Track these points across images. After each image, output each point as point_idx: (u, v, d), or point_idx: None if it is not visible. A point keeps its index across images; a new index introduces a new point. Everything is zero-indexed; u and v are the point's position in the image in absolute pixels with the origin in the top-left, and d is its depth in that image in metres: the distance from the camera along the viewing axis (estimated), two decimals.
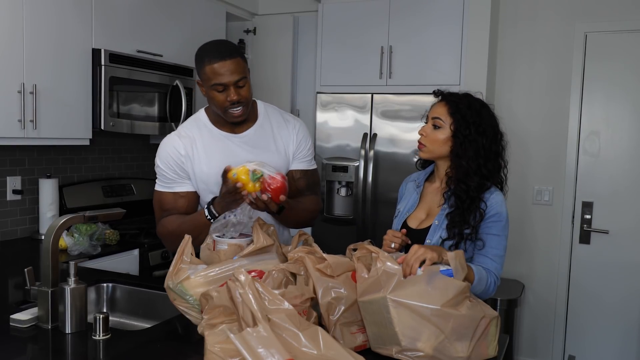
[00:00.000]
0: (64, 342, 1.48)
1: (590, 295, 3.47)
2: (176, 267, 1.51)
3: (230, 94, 1.74)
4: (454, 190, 1.69)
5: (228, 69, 1.71)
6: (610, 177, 3.40)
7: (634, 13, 3.28)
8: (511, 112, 3.61)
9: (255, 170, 1.63)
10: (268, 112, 1.96)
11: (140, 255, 2.84)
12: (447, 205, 1.72)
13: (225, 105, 1.76)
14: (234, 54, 1.74)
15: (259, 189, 1.63)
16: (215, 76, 1.72)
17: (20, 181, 2.93)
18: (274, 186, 1.64)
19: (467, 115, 1.69)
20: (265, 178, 1.63)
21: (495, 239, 1.67)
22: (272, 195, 1.64)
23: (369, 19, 3.54)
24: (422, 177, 1.87)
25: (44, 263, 1.55)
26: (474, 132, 1.68)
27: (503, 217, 1.68)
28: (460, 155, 1.68)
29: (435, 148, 1.73)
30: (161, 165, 1.86)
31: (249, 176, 1.62)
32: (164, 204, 1.88)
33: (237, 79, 1.73)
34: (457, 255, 1.40)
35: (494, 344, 1.40)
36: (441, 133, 1.72)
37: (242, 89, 1.76)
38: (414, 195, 1.84)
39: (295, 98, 4.03)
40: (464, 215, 1.66)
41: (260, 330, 1.13)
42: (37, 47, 2.56)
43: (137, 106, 3.05)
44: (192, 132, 1.88)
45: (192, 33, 3.48)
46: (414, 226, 1.78)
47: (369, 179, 3.44)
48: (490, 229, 1.67)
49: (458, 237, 1.66)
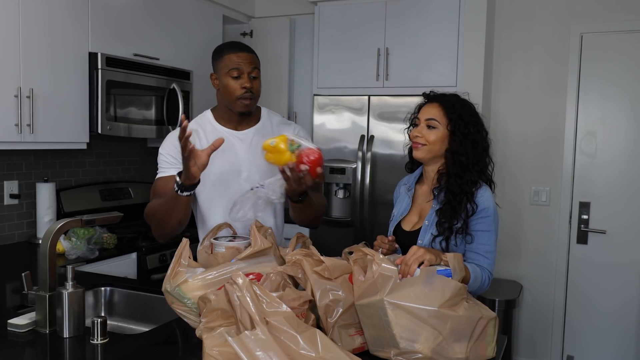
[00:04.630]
0: (61, 346, 1.47)
1: (588, 295, 3.47)
2: (174, 270, 1.51)
3: (244, 81, 1.87)
4: (446, 184, 1.73)
5: (246, 58, 1.89)
6: (607, 177, 3.41)
7: (629, 14, 3.29)
8: (508, 113, 3.62)
9: (292, 141, 1.57)
10: (270, 115, 2.06)
11: (138, 259, 2.85)
12: (436, 201, 1.75)
13: (238, 92, 1.87)
14: (252, 50, 1.95)
15: (295, 160, 1.56)
16: (234, 63, 1.87)
17: (17, 185, 2.92)
18: (312, 157, 1.56)
19: (463, 115, 1.74)
20: (303, 149, 1.57)
21: (486, 235, 1.70)
22: (310, 167, 1.57)
23: (365, 21, 3.55)
24: (413, 180, 1.90)
25: (41, 267, 1.55)
26: (473, 130, 1.74)
27: (490, 211, 1.71)
28: (460, 152, 1.72)
29: (433, 147, 1.76)
30: (163, 151, 1.93)
31: (287, 145, 1.56)
32: (156, 188, 1.92)
33: (252, 69, 1.89)
34: (455, 257, 1.43)
35: (493, 345, 1.40)
36: (437, 133, 1.75)
37: (255, 80, 1.90)
38: (407, 199, 1.88)
39: (293, 100, 4.04)
40: (455, 209, 1.69)
41: (258, 333, 1.14)
42: (33, 51, 2.56)
43: (134, 110, 3.05)
44: (198, 126, 1.96)
45: (189, 36, 3.48)
46: (408, 229, 1.82)
47: (366, 180, 3.45)
48: (479, 225, 1.70)
49: (448, 232, 1.69)
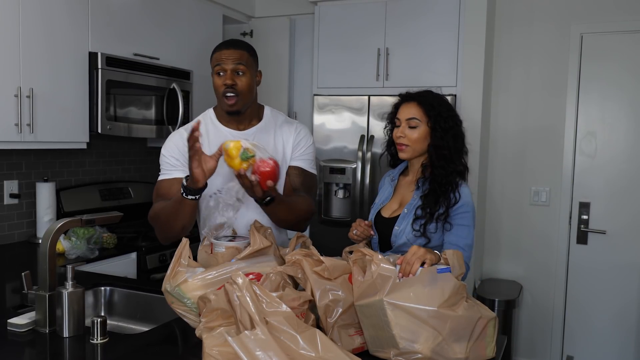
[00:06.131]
0: (61, 346, 1.47)
1: (588, 296, 3.47)
2: (174, 270, 1.51)
3: (225, 78, 1.84)
4: (431, 175, 1.81)
5: (230, 55, 1.84)
6: (606, 178, 3.41)
7: (629, 14, 3.29)
8: (508, 113, 3.62)
9: (247, 149, 1.61)
10: (274, 114, 2.05)
11: (138, 259, 2.84)
12: (419, 191, 1.83)
13: (222, 89, 1.85)
14: (240, 46, 1.89)
15: (246, 168, 1.61)
16: (218, 60, 1.85)
17: (17, 185, 2.92)
18: (263, 169, 1.61)
19: (442, 111, 1.82)
20: (256, 159, 1.61)
21: (465, 229, 1.79)
22: (260, 179, 1.62)
23: (365, 21, 3.55)
24: (397, 172, 2.00)
25: (41, 267, 1.55)
26: (452, 124, 1.82)
27: (470, 207, 1.81)
28: (443, 146, 1.80)
29: (417, 147, 1.84)
30: (165, 153, 1.93)
31: (239, 152, 1.61)
32: (159, 190, 1.92)
33: (236, 65, 1.84)
34: (455, 254, 1.43)
35: (492, 345, 1.41)
36: (418, 132, 1.83)
37: (240, 77, 1.85)
38: (389, 189, 1.97)
39: (293, 100, 4.04)
40: (438, 197, 1.78)
41: (258, 333, 1.14)
42: (33, 51, 2.56)
43: (134, 109, 3.05)
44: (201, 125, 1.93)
45: (189, 36, 3.48)
46: (387, 215, 1.90)
47: (366, 180, 3.45)
48: (460, 219, 1.79)
49: (429, 217, 1.77)
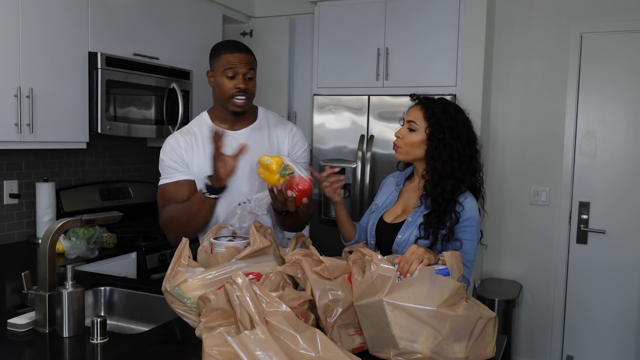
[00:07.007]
0: (61, 346, 1.47)
1: (588, 295, 3.47)
2: (174, 270, 1.51)
3: (238, 82, 1.88)
4: (431, 192, 1.73)
5: (242, 59, 1.89)
6: (606, 177, 3.41)
7: (629, 14, 3.29)
8: (507, 113, 3.62)
9: (287, 166, 1.64)
10: (267, 115, 2.06)
11: (138, 259, 2.84)
12: (423, 206, 1.76)
13: (232, 92, 1.88)
14: (249, 50, 1.94)
15: (282, 184, 1.64)
16: (230, 63, 1.88)
17: (17, 185, 2.92)
18: (302, 187, 1.65)
19: (442, 120, 1.73)
20: (294, 176, 1.64)
21: (468, 244, 1.71)
22: (297, 196, 1.65)
23: (365, 21, 3.55)
24: (403, 177, 1.92)
25: (41, 267, 1.55)
26: (448, 137, 1.72)
27: (475, 221, 1.72)
28: (435, 158, 1.72)
29: (410, 150, 1.78)
30: (164, 157, 1.95)
31: (279, 167, 1.64)
32: (165, 194, 1.93)
33: (247, 70, 1.90)
34: (453, 255, 1.42)
35: (492, 345, 1.40)
36: (416, 136, 1.76)
37: (250, 81, 1.91)
38: (393, 193, 1.90)
39: (292, 100, 4.03)
40: (440, 217, 1.70)
41: (258, 333, 1.14)
42: (33, 51, 2.56)
43: (134, 109, 3.05)
44: (194, 128, 1.98)
45: (189, 36, 3.48)
46: (389, 221, 1.83)
47: (366, 180, 3.45)
48: (463, 234, 1.71)
49: (433, 238, 1.69)
